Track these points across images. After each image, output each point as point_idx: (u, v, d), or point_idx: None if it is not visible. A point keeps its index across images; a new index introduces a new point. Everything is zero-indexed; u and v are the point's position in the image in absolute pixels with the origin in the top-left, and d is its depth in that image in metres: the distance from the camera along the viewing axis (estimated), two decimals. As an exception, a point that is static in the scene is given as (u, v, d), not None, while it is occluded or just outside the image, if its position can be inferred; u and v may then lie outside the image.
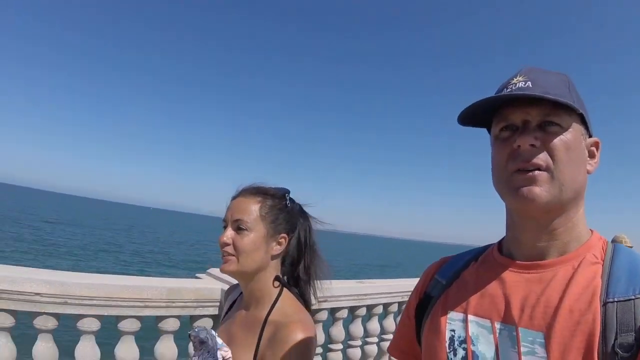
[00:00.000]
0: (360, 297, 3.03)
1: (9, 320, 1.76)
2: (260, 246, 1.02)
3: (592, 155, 0.68)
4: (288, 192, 1.12)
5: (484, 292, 0.69)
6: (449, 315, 0.71)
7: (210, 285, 2.19)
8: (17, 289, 1.73)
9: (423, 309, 0.79)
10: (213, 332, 1.02)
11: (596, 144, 0.69)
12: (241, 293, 1.14)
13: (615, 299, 0.57)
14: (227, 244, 1.00)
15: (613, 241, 0.70)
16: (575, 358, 0.56)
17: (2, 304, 1.73)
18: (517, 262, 0.68)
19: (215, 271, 2.48)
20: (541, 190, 0.61)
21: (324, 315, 2.95)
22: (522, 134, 0.62)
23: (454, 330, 0.69)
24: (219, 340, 1.00)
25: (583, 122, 0.66)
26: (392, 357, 0.87)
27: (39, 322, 1.81)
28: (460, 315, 0.70)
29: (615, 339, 0.55)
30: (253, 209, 1.03)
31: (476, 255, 0.79)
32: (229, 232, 1.01)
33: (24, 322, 1.84)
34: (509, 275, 0.68)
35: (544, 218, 0.64)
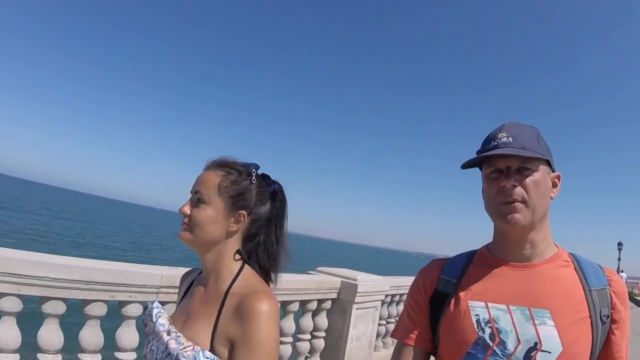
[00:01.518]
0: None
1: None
2: (215, 220, 1.00)
3: (554, 185, 0.96)
4: (256, 167, 1.07)
5: (495, 286, 0.93)
6: (470, 304, 0.93)
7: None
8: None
9: (438, 304, 0.99)
10: (156, 312, 1.02)
11: (558, 177, 0.97)
12: (198, 274, 1.13)
13: (595, 288, 0.90)
14: (185, 214, 1.01)
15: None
16: (574, 326, 0.86)
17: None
18: (512, 263, 0.95)
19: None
20: (519, 215, 0.89)
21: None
22: (506, 177, 0.90)
23: (478, 315, 0.91)
24: (162, 321, 1.00)
25: (548, 163, 0.94)
26: (405, 343, 1.02)
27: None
28: (481, 303, 0.92)
29: (601, 311, 0.88)
30: (214, 182, 1.01)
31: (469, 257, 1.02)
32: (188, 204, 1.01)
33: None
34: (510, 272, 0.94)
35: (523, 233, 0.92)
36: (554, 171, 0.96)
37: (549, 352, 0.83)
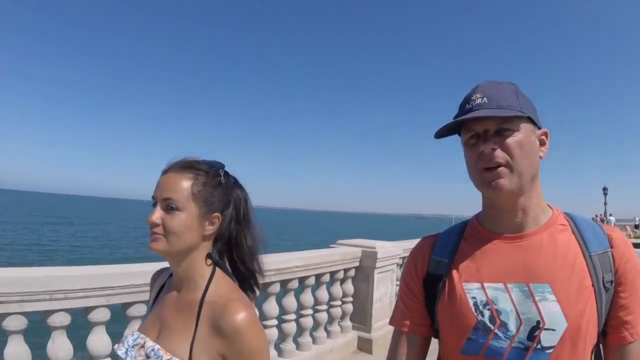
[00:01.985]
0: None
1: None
2: (191, 227, 0.95)
3: (542, 144, 0.87)
4: (222, 166, 1.04)
5: (490, 263, 0.86)
6: (465, 286, 0.86)
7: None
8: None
9: (432, 286, 0.92)
10: (131, 344, 0.98)
11: (545, 134, 0.88)
12: (170, 276, 1.09)
13: (595, 253, 0.82)
14: (156, 224, 0.92)
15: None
16: (578, 297, 0.79)
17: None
18: (505, 235, 0.87)
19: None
20: (504, 181, 0.81)
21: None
22: (484, 142, 0.82)
23: (475, 297, 0.84)
24: (131, 340, 0.98)
25: (531, 120, 0.85)
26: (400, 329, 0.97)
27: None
28: (477, 285, 0.85)
29: (603, 277, 0.81)
30: (184, 186, 0.95)
31: (459, 232, 0.95)
32: (158, 212, 0.93)
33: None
34: (504, 245, 0.86)
35: (513, 200, 0.84)
36: (539, 128, 0.87)
37: (554, 330, 0.77)
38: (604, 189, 33.12)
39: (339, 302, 3.79)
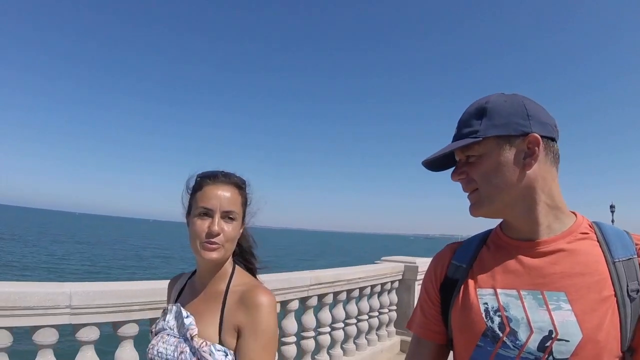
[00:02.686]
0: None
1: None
2: (238, 234, 1.10)
3: (529, 154, 0.79)
4: (247, 182, 1.18)
5: (505, 269, 0.83)
6: (478, 292, 0.84)
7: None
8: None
9: (448, 291, 0.91)
10: (185, 314, 1.07)
11: (530, 142, 0.79)
12: (189, 278, 1.21)
13: (620, 259, 0.76)
14: (219, 234, 1.03)
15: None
16: (596, 307, 0.73)
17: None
18: (525, 242, 0.83)
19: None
20: (474, 207, 0.85)
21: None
22: (453, 173, 0.87)
23: (486, 303, 0.81)
24: (184, 312, 1.07)
25: (504, 136, 0.80)
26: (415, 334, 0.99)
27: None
28: (490, 290, 0.82)
29: (627, 286, 0.74)
30: (238, 200, 1.10)
31: (482, 239, 0.94)
32: (221, 222, 1.04)
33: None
34: (520, 252, 0.83)
35: (500, 217, 0.87)
36: (526, 135, 0.79)
37: (567, 341, 0.72)
38: (611, 206, 30.43)
39: (386, 310, 4.41)
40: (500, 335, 0.78)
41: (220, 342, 1.00)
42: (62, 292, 1.88)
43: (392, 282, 4.44)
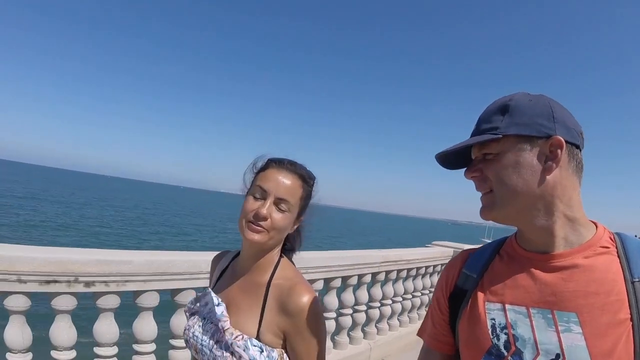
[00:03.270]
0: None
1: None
2: (289, 225, 1.06)
3: (551, 158, 0.74)
4: (316, 179, 1.14)
5: (516, 283, 0.79)
6: (487, 306, 0.80)
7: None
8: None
9: (457, 301, 0.88)
10: (217, 301, 1.05)
11: (553, 144, 0.74)
12: (232, 259, 1.19)
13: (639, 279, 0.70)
14: (266, 218, 1.00)
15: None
16: (609, 332, 0.67)
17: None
18: (539, 254, 0.78)
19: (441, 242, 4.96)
20: (486, 208, 0.79)
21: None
22: (467, 170, 0.81)
23: (494, 319, 0.78)
24: (216, 299, 1.05)
25: (527, 137, 0.74)
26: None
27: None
28: (498, 305, 0.79)
29: None
30: (297, 193, 1.06)
31: (496, 248, 0.89)
32: (271, 207, 1.02)
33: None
34: (533, 266, 0.78)
35: (511, 223, 0.80)
36: (549, 137, 0.74)
37: None
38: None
39: (427, 292, 4.86)
40: (505, 354, 0.75)
41: (257, 339, 1.00)
42: (204, 260, 2.27)
43: (442, 264, 4.87)
